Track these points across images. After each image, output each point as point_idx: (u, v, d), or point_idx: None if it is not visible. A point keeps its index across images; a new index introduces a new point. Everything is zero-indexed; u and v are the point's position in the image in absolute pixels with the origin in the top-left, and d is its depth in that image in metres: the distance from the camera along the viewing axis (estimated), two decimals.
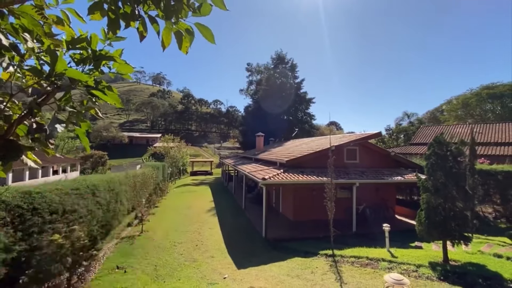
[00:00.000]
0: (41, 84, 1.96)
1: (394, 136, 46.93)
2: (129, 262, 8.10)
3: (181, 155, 33.94)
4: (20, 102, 2.08)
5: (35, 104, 1.93)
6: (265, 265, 8.13)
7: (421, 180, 8.00)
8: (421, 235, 7.73)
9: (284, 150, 19.07)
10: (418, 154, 20.88)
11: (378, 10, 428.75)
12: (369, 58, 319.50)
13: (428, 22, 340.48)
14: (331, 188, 8.84)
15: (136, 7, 1.88)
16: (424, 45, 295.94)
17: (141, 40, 2.04)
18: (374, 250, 8.64)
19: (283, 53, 41.25)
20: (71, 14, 1.86)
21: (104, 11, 1.85)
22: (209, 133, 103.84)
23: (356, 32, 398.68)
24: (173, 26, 1.91)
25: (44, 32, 1.91)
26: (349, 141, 13.48)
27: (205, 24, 1.83)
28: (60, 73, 1.82)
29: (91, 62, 2.02)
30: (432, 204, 7.45)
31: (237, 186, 23.01)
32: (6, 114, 1.98)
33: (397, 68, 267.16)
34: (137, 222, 12.32)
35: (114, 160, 50.44)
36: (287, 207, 14.30)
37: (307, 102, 40.71)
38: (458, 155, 7.76)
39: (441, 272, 6.75)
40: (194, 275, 7.72)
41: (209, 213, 15.50)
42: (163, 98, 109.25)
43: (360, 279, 6.69)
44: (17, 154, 1.89)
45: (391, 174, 12.90)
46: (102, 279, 6.79)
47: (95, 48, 1.97)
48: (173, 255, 9.22)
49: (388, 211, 13.92)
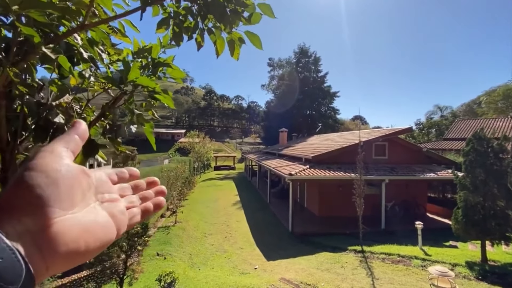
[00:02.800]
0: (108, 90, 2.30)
1: (424, 131, 44.43)
2: (167, 250, 8.74)
3: (205, 150, 34.96)
4: (94, 106, 2.45)
5: (107, 107, 2.28)
6: (293, 257, 8.35)
7: (458, 177, 7.70)
8: (458, 233, 7.48)
9: (308, 145, 19.00)
10: (452, 150, 19.74)
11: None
12: (397, 49, 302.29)
13: (463, 7, 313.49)
14: (360, 184, 8.78)
15: (200, 21, 2.14)
16: (457, 33, 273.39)
17: (198, 49, 2.30)
18: (406, 248, 8.49)
19: (306, 46, 40.37)
20: (126, 25, 2.16)
21: (169, 25, 2.13)
22: (231, 129, 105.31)
23: (382, 22, 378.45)
24: (226, 36, 2.14)
25: (111, 44, 2.24)
26: (378, 137, 13.14)
27: (254, 32, 2.04)
28: (132, 80, 2.14)
29: (150, 68, 2.33)
30: (470, 202, 7.16)
31: (260, 180, 23.36)
32: (82, 117, 2.35)
33: (428, 59, 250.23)
34: (169, 213, 13.11)
35: (142, 155, 53.12)
36: (313, 202, 14.34)
37: (331, 96, 39.75)
38: (500, 152, 7.35)
39: (479, 272, 6.52)
40: (226, 265, 8.16)
41: (235, 206, 16.00)
42: (186, 95, 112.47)
43: (392, 276, 6.67)
44: (96, 151, 2.26)
45: (423, 170, 12.42)
46: (145, 264, 7.44)
47: (155, 56, 2.27)
48: (205, 245, 9.77)
49: (418, 208, 13.46)
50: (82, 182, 0.36)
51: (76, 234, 0.32)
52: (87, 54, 2.14)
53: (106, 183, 0.42)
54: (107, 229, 0.37)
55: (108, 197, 0.41)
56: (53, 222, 0.30)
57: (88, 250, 0.33)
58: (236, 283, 6.49)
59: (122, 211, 0.41)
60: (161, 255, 8.16)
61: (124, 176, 0.47)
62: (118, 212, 0.40)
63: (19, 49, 1.39)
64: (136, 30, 2.32)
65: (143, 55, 2.24)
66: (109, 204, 0.39)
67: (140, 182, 0.48)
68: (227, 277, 7.07)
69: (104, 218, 0.37)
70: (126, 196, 0.45)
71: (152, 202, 0.47)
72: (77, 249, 0.31)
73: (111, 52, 2.25)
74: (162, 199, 0.49)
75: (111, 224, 0.37)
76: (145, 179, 0.49)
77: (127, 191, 0.46)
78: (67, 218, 0.32)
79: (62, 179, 0.33)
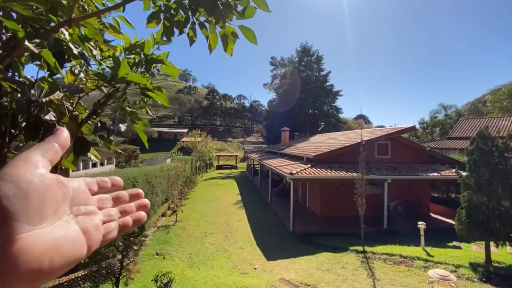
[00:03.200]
0: (101, 88, 2.25)
1: (428, 130, 44.00)
2: (166, 249, 8.72)
3: (207, 149, 34.99)
4: (85, 104, 2.40)
5: (99, 105, 2.23)
6: (294, 258, 8.28)
7: (462, 176, 7.56)
8: (461, 234, 7.35)
9: (310, 144, 18.89)
10: (456, 149, 19.48)
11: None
12: (401, 47, 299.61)
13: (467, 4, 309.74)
14: (362, 184, 8.68)
15: (190, 15, 2.07)
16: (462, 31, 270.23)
17: (190, 44, 2.23)
18: (408, 248, 8.38)
19: (308, 45, 40.16)
20: (121, 21, 2.11)
21: (160, 20, 2.07)
22: (233, 128, 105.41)
23: (386, 19, 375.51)
24: (219, 30, 2.07)
25: (103, 40, 2.19)
26: (380, 136, 13.01)
27: (248, 26, 1.97)
28: (122, 77, 2.08)
29: (143, 65, 2.28)
30: (474, 202, 7.03)
31: (262, 180, 23.30)
32: (73, 114, 2.31)
33: (432, 57, 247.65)
34: (170, 213, 13.11)
35: (145, 154, 53.43)
36: (314, 202, 14.25)
37: (333, 95, 39.52)
38: (505, 151, 7.20)
39: (483, 273, 6.40)
40: (226, 264, 8.11)
41: (236, 206, 15.97)
42: (189, 94, 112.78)
43: (394, 277, 6.57)
44: (87, 149, 2.21)
45: (426, 170, 12.26)
46: (144, 263, 7.43)
47: (148, 52, 2.21)
48: (205, 245, 9.73)
49: (422, 208, 13.30)
50: (57, 194, 0.34)
51: (40, 251, 0.28)
52: (77, 50, 2.09)
53: (84, 193, 0.39)
54: (76, 246, 0.33)
55: (84, 209, 0.38)
56: (17, 238, 0.27)
57: (52, 269, 0.29)
58: (235, 283, 6.44)
59: (97, 226, 0.38)
60: (160, 254, 8.15)
61: (106, 186, 0.43)
62: (92, 227, 0.37)
63: (7, 44, 1.34)
64: (131, 27, 2.26)
65: (136, 51, 2.18)
66: (83, 218, 0.37)
67: (122, 194, 0.45)
68: (226, 277, 7.03)
69: (75, 234, 0.34)
70: (105, 209, 0.42)
71: (132, 217, 0.44)
72: (39, 268, 0.28)
73: (104, 48, 2.20)
74: (143, 214, 0.46)
75: (82, 241, 0.34)
76: (129, 190, 0.46)
77: (106, 203, 0.43)
78: (33, 234, 0.29)
79: (34, 190, 0.31)
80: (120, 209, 0.43)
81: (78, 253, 0.33)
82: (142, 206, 0.46)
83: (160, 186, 13.23)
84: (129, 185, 9.19)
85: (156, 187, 12.53)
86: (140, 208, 0.46)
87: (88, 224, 0.36)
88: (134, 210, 0.45)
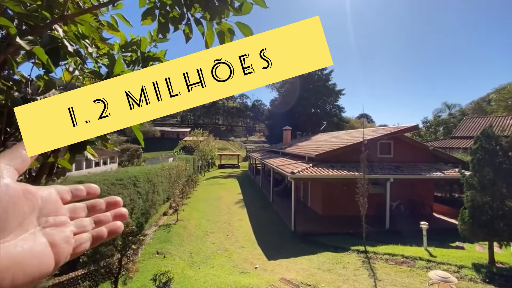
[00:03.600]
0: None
1: (432, 129, 43.63)
2: (167, 248, 8.73)
3: (209, 148, 35.02)
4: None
5: None
6: (295, 257, 8.24)
7: (465, 176, 7.46)
8: (464, 234, 7.26)
9: (312, 143, 18.81)
10: (460, 148, 19.30)
11: None
12: (404, 45, 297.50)
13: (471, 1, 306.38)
14: (364, 183, 8.61)
15: (185, 11, 2.03)
16: (466, 29, 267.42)
17: (186, 41, 2.20)
18: (410, 248, 8.30)
19: None
20: (119, 19, 2.07)
21: (155, 16, 2.03)
22: (235, 128, 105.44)
23: (388, 18, 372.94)
24: (216, 27, 2.04)
25: (99, 37, 2.16)
26: (383, 135, 12.90)
27: (245, 23, 1.92)
28: (117, 75, 2.05)
29: (140, 63, 2.24)
30: (477, 202, 6.94)
31: (264, 179, 23.27)
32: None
33: (436, 56, 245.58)
34: (172, 211, 13.13)
35: (148, 153, 53.66)
36: (316, 201, 14.19)
37: (336, 94, 39.38)
38: (510, 150, 7.09)
39: (486, 274, 6.31)
40: (227, 264, 8.10)
41: (238, 205, 15.96)
42: None
43: (396, 277, 6.51)
44: (83, 148, 2.19)
45: (429, 169, 12.14)
46: (144, 262, 7.44)
47: (144, 50, 2.18)
48: (206, 244, 9.73)
49: (424, 208, 13.19)
50: (23, 205, 0.32)
51: (2, 268, 0.26)
52: (72, 48, 2.06)
53: (54, 203, 0.37)
54: (43, 261, 0.31)
55: (53, 220, 0.36)
56: None
57: (14, 286, 0.27)
58: (235, 282, 6.42)
59: (66, 239, 0.35)
60: (160, 253, 8.16)
61: (80, 194, 0.41)
62: (61, 239, 0.34)
63: (0, 43, 1.31)
64: (129, 25, 2.23)
65: (132, 48, 2.15)
66: (52, 230, 0.34)
67: (99, 202, 0.42)
68: (227, 276, 7.01)
69: (42, 247, 0.31)
70: (77, 219, 0.39)
71: (108, 227, 0.41)
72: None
73: (101, 46, 2.17)
74: (120, 223, 0.42)
75: (48, 254, 0.32)
76: (106, 198, 0.43)
77: (80, 212, 0.40)
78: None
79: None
80: (94, 219, 0.41)
81: (44, 268, 0.31)
82: (119, 215, 0.43)
83: (161, 185, 13.26)
84: (130, 183, 9.21)
85: (158, 186, 12.55)
86: (117, 218, 0.43)
87: (56, 236, 0.34)
88: (110, 219, 0.42)
